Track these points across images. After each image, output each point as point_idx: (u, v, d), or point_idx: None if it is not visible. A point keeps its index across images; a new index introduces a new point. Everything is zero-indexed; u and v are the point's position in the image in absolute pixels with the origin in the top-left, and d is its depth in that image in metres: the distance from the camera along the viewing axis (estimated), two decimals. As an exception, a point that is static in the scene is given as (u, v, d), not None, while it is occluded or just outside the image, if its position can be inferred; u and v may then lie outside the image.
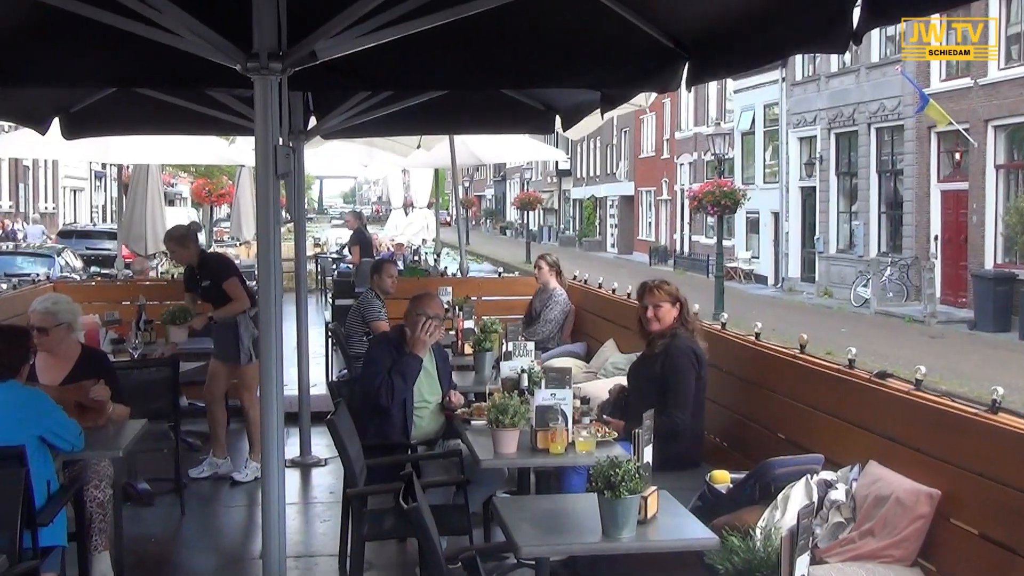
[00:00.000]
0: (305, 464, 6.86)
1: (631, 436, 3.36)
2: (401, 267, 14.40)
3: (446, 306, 7.07)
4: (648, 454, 3.36)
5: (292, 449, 7.01)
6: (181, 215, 28.97)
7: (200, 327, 6.78)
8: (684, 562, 3.38)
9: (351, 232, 15.63)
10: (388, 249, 19.46)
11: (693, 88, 4.01)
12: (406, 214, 23.27)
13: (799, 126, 28.09)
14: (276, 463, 3.47)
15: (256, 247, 4.64)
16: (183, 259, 6.69)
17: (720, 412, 5.13)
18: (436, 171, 16.44)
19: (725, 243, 24.79)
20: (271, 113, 3.45)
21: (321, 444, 7.01)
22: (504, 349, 5.32)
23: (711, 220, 32.07)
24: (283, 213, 8.45)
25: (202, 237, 28.06)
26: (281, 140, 3.54)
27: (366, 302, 7.49)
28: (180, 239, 6.56)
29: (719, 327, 5.51)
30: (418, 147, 10.07)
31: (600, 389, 5.55)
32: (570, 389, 4.12)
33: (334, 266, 17.02)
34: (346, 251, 16.49)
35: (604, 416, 4.74)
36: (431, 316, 4.92)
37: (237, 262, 10.20)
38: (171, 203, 34.46)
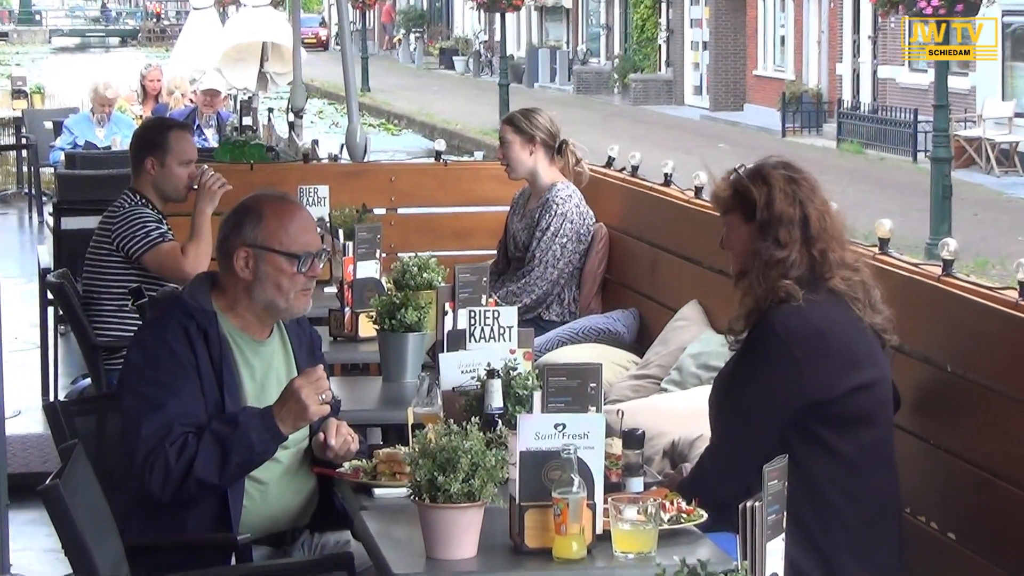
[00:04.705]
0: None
1: (739, 515, 3.39)
2: (213, 142, 14.42)
3: (319, 230, 7.12)
4: (778, 556, 3.41)
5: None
6: None
7: None
8: None
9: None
10: (188, 103, 19.44)
11: None
12: (223, 22, 23.20)
13: None
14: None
15: None
16: None
17: (939, 462, 5.23)
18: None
19: (954, 85, 24.83)
20: None
21: (33, 547, 7.08)
22: (449, 325, 5.39)
23: (923, 33, 32.15)
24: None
25: None
26: None
27: (125, 218, 7.49)
28: None
29: (937, 271, 5.57)
30: None
31: (669, 416, 5.68)
32: (601, 414, 4.16)
33: (58, 144, 16.99)
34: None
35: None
36: (303, 254, 4.98)
37: None
38: None
